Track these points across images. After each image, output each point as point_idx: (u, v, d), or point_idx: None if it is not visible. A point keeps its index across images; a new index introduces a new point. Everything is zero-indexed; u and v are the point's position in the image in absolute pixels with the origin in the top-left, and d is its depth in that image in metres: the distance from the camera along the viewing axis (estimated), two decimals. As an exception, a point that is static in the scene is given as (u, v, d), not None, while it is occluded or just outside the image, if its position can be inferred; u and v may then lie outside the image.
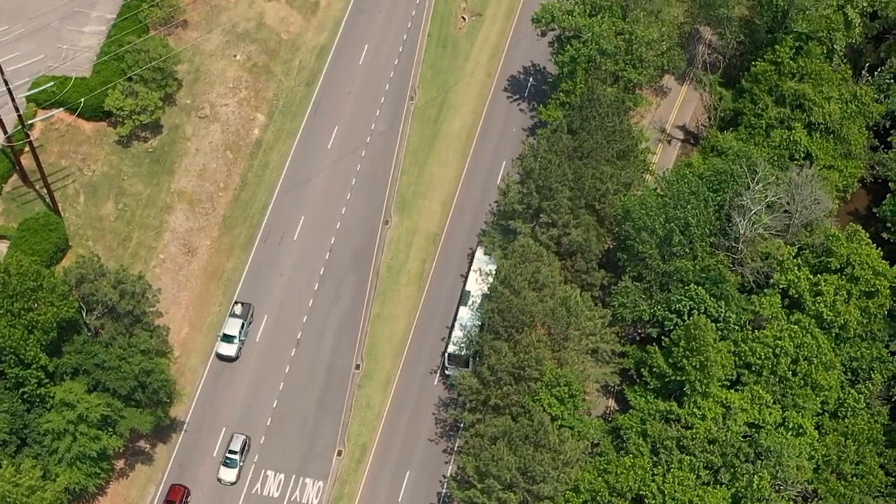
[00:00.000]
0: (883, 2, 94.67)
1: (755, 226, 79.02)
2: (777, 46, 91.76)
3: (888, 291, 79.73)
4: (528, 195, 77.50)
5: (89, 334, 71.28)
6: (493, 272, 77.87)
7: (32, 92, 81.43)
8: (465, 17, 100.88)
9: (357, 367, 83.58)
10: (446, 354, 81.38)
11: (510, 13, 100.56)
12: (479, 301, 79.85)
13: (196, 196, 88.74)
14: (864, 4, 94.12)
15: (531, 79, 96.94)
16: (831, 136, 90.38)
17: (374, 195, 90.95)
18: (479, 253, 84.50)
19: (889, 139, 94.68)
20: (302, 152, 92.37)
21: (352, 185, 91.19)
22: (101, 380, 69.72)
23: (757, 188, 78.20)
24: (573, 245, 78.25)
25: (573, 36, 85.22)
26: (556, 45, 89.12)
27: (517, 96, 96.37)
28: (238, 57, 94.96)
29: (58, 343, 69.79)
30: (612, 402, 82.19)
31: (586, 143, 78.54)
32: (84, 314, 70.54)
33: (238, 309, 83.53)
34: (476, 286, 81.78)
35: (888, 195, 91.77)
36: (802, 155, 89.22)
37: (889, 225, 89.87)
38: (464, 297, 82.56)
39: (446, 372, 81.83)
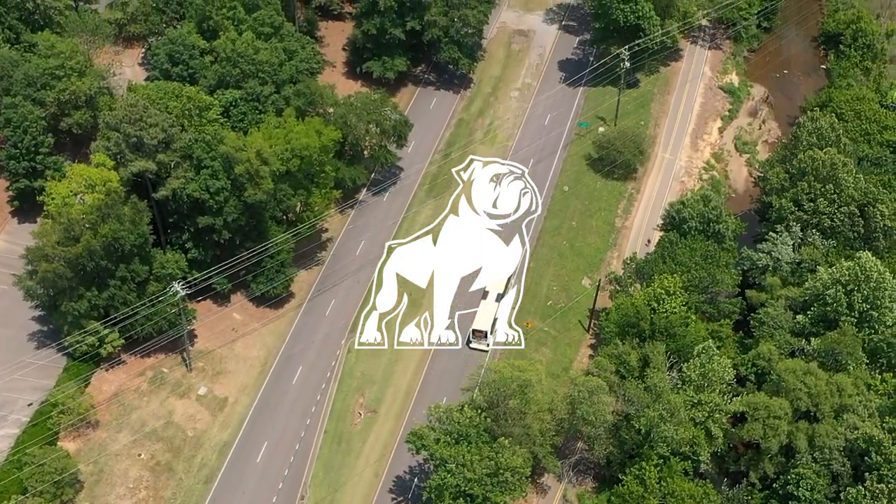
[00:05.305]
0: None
1: None
2: (642, 463, 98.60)
3: None
4: None
5: None
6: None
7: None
8: (361, 412, 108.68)
9: None
10: (471, 331, 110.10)
11: (401, 412, 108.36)
12: (494, 296, 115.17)
13: None
14: (724, 420, 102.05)
15: (416, 479, 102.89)
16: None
17: None
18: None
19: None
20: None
21: None
22: None
23: None
24: None
25: (439, 464, 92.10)
26: (430, 464, 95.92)
27: (401, 498, 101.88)
28: (142, 455, 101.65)
29: None
30: None
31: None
32: None
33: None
34: (492, 288, 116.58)
35: None
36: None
37: None
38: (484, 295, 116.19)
39: (470, 346, 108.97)
